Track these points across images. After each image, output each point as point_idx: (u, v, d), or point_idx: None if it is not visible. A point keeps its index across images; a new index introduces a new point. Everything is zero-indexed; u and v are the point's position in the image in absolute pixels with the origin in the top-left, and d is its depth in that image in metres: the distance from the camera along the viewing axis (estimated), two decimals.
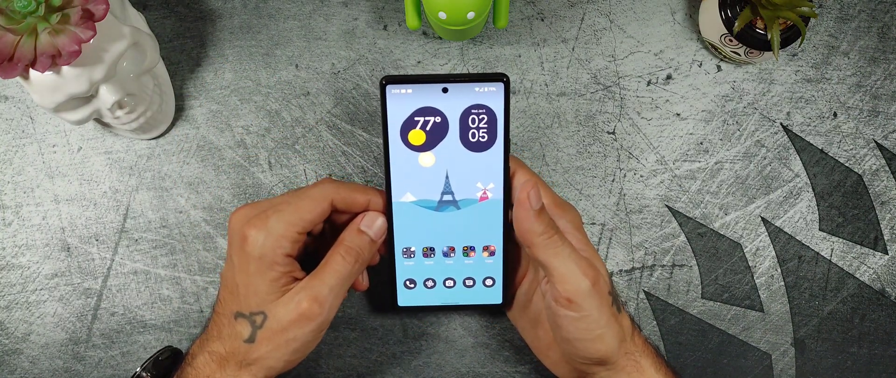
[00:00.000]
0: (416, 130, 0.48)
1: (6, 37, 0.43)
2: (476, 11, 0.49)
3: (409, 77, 0.48)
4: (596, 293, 0.47)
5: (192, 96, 0.58)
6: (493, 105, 0.48)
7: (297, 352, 0.47)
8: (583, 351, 0.48)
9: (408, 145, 0.48)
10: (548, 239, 0.47)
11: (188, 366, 0.48)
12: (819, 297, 0.59)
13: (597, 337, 0.47)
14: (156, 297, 0.58)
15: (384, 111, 0.48)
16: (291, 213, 0.47)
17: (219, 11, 0.58)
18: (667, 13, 0.58)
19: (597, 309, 0.47)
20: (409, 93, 0.47)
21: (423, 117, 0.48)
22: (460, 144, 0.48)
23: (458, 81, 0.47)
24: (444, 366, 0.59)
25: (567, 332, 0.48)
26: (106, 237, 0.58)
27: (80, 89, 0.46)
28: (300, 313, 0.46)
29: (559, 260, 0.47)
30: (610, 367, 0.49)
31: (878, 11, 0.59)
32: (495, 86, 0.47)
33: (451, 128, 0.48)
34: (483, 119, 0.48)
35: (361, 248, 0.48)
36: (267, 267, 0.46)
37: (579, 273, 0.46)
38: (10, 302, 0.58)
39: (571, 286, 0.46)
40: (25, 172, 0.57)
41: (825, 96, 0.59)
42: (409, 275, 0.52)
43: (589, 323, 0.47)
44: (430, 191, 0.49)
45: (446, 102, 0.47)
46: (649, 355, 0.50)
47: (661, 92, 0.58)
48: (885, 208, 0.59)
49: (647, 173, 0.58)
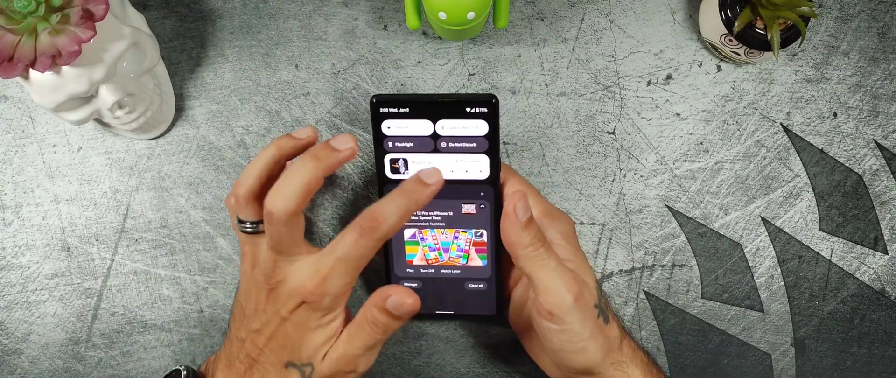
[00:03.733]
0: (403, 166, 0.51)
1: (6, 37, 0.43)
2: (476, 11, 0.49)
3: (400, 98, 0.49)
4: (578, 308, 0.47)
5: (192, 96, 0.58)
6: (482, 131, 0.49)
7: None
8: (568, 362, 0.49)
9: (395, 172, 0.51)
10: (533, 251, 0.47)
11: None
12: (819, 297, 0.59)
13: (579, 349, 0.48)
14: (156, 297, 0.58)
15: (377, 132, 0.49)
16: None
17: (219, 11, 0.58)
18: (667, 13, 0.58)
19: (579, 323, 0.47)
20: (400, 127, 0.49)
21: (410, 153, 0.50)
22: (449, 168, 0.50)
23: (448, 102, 0.48)
24: (444, 366, 0.59)
25: (550, 343, 0.48)
26: (106, 237, 0.58)
27: (80, 89, 0.46)
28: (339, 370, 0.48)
29: (544, 272, 0.47)
30: (596, 377, 0.49)
31: (878, 11, 0.59)
32: (484, 108, 0.49)
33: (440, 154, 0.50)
34: (473, 145, 0.49)
35: (387, 328, 0.48)
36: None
37: (563, 287, 0.47)
38: (10, 302, 0.58)
39: (554, 299, 0.47)
40: (25, 172, 0.57)
41: (825, 96, 0.59)
42: (402, 283, 0.53)
43: (571, 336, 0.47)
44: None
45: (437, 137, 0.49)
46: (639, 363, 0.50)
47: (661, 92, 0.58)
48: (885, 208, 0.59)
49: (647, 173, 0.58)
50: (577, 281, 0.47)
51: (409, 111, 0.49)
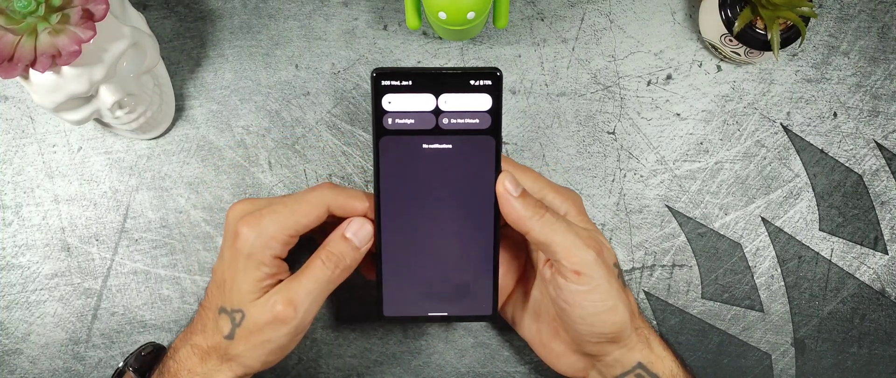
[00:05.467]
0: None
1: (6, 37, 0.43)
2: (476, 11, 0.49)
3: (402, 70, 0.47)
4: (602, 262, 0.46)
5: (192, 96, 0.58)
6: (485, 105, 0.48)
7: (272, 353, 0.47)
8: (598, 326, 0.47)
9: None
10: (540, 218, 0.47)
11: (170, 359, 0.48)
12: (819, 297, 0.59)
13: (610, 308, 0.47)
14: (156, 297, 0.58)
15: (377, 107, 0.47)
16: (286, 216, 0.47)
17: (219, 11, 0.58)
18: (667, 13, 0.58)
19: (606, 279, 0.46)
20: (401, 102, 0.48)
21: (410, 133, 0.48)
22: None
23: (452, 74, 0.47)
24: (444, 366, 0.59)
25: (580, 308, 0.47)
26: (106, 237, 0.58)
27: (80, 89, 0.46)
28: (274, 316, 0.46)
29: (559, 236, 0.46)
30: (623, 345, 0.48)
31: (878, 11, 0.59)
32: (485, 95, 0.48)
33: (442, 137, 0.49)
34: (475, 121, 0.48)
35: (343, 255, 0.48)
36: (253, 266, 0.46)
37: (582, 245, 0.46)
38: (10, 302, 0.58)
39: (577, 258, 0.46)
40: (25, 172, 0.57)
41: (825, 96, 0.59)
42: (396, 283, 0.51)
43: (601, 293, 0.46)
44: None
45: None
46: (654, 334, 0.50)
47: (661, 92, 0.58)
48: (885, 208, 0.59)
49: (647, 173, 0.58)
50: (595, 239, 0.47)
51: (411, 84, 0.47)
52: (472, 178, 0.49)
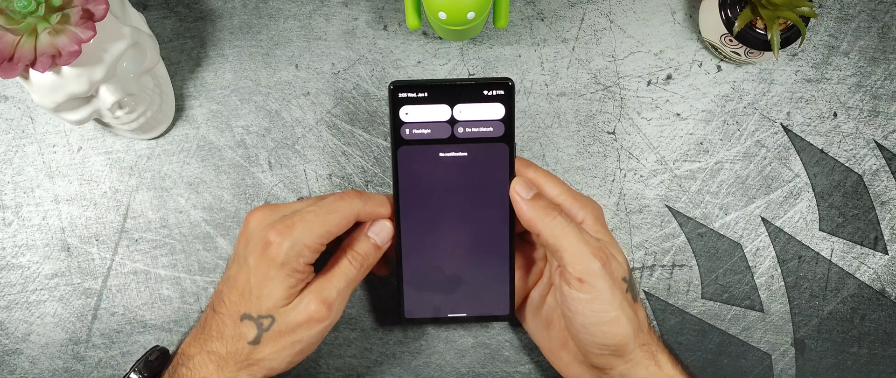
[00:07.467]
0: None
1: (6, 37, 0.43)
2: (476, 11, 0.49)
3: (418, 83, 0.49)
4: (607, 274, 0.46)
5: (192, 96, 0.58)
6: (498, 114, 0.50)
7: (301, 352, 0.48)
8: (600, 337, 0.47)
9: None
10: (552, 220, 0.47)
11: (183, 366, 0.48)
12: (819, 297, 0.59)
13: (612, 319, 0.47)
14: (156, 297, 0.58)
15: (395, 119, 0.49)
16: (319, 225, 0.47)
17: (219, 11, 0.58)
18: (667, 13, 0.58)
19: (609, 290, 0.46)
20: (418, 113, 0.49)
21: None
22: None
23: (466, 85, 0.49)
24: (444, 366, 0.59)
25: (582, 317, 0.47)
26: (106, 237, 0.58)
27: (80, 89, 0.46)
28: (309, 316, 0.47)
29: (567, 240, 0.47)
30: (627, 360, 0.48)
31: (878, 11, 0.59)
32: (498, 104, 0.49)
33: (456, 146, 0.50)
34: (489, 129, 0.50)
35: (368, 254, 0.50)
36: (287, 274, 0.47)
37: (588, 253, 0.46)
38: (10, 302, 0.58)
39: (582, 265, 0.46)
40: (25, 172, 0.57)
41: (825, 96, 0.59)
42: (416, 287, 0.52)
43: (603, 304, 0.46)
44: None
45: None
46: (665, 351, 0.49)
47: (661, 92, 0.58)
48: (885, 208, 0.59)
49: (647, 173, 0.58)
50: (604, 250, 0.47)
51: (427, 96, 0.49)
52: (488, 183, 0.50)
